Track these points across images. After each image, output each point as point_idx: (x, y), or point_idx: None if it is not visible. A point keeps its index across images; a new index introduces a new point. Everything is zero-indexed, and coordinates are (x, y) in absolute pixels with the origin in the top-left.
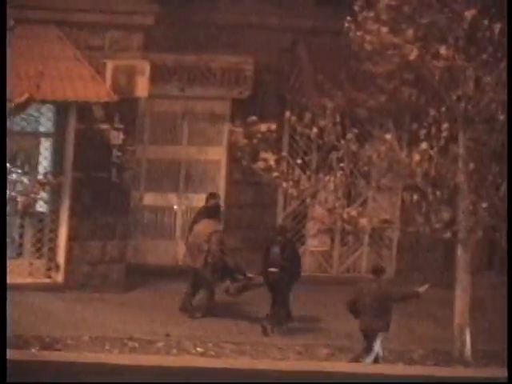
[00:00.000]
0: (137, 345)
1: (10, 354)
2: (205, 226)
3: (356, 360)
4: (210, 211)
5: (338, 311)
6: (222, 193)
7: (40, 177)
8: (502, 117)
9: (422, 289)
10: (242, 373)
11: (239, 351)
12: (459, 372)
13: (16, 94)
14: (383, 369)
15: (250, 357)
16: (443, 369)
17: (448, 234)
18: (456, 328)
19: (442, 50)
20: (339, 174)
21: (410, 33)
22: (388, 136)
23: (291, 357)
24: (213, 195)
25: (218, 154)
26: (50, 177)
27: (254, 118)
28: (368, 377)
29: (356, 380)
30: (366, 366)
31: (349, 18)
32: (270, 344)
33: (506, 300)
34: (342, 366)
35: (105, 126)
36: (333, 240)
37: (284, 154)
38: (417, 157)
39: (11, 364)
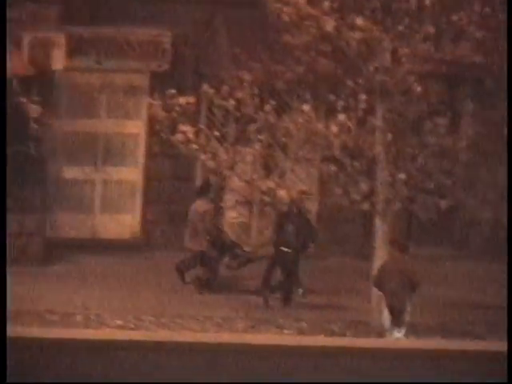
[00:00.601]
0: (56, 318)
1: None
2: (197, 206)
3: (382, 336)
4: (200, 191)
5: (258, 283)
6: (140, 166)
7: None
8: (418, 88)
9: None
10: (161, 345)
11: (158, 324)
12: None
13: None
14: (305, 340)
15: (168, 329)
16: (362, 340)
17: (366, 206)
18: (373, 299)
19: (359, 22)
20: (257, 145)
21: (326, 4)
22: (306, 107)
23: (210, 329)
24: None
25: (136, 128)
26: None
27: (172, 91)
28: (290, 349)
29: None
30: (285, 338)
31: None
32: (188, 316)
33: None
34: (262, 339)
35: (22, 99)
36: (251, 212)
37: (202, 126)
38: (335, 128)
39: None
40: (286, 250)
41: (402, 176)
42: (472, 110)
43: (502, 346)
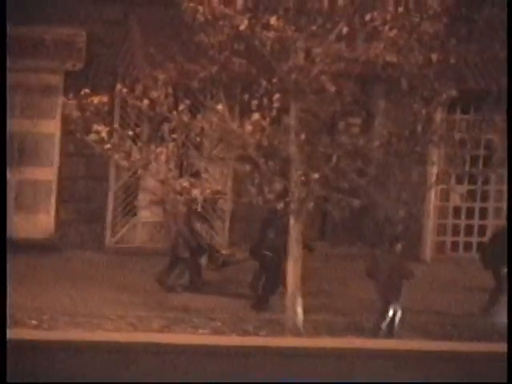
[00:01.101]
0: None
1: None
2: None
3: (376, 326)
4: None
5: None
6: (55, 166)
7: None
8: (331, 88)
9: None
10: (75, 344)
11: (73, 323)
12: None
13: None
14: (218, 340)
15: (82, 329)
16: (277, 339)
17: (280, 205)
18: (288, 298)
19: (273, 21)
20: (171, 145)
21: (240, 3)
22: (220, 107)
23: (124, 328)
24: None
25: (51, 127)
26: None
27: (86, 90)
28: (203, 348)
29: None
30: (201, 337)
31: None
32: (102, 316)
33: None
34: (177, 338)
35: None
36: (165, 211)
37: (115, 125)
38: (249, 127)
39: None
40: (268, 253)
41: (316, 175)
42: (385, 109)
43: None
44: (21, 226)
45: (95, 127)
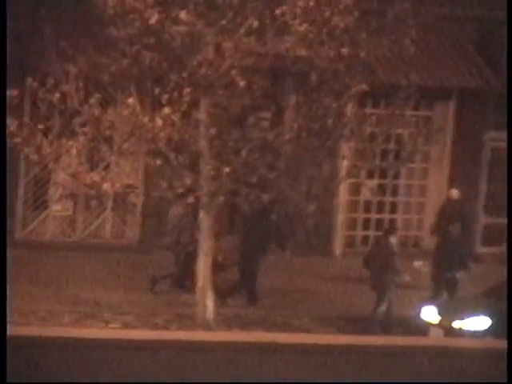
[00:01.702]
0: None
1: None
2: (174, 209)
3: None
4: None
5: (86, 277)
6: None
7: None
8: (241, 82)
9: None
10: None
11: None
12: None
13: None
14: (132, 334)
15: None
16: (187, 333)
17: (191, 199)
18: (198, 292)
19: (182, 15)
20: (82, 138)
21: None
22: (130, 100)
23: (34, 322)
24: None
25: None
26: None
27: None
28: (114, 342)
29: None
30: (112, 331)
31: None
32: (12, 309)
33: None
34: (88, 332)
35: None
36: (76, 205)
37: (26, 119)
38: (159, 122)
39: None
40: (252, 254)
41: (226, 170)
42: (296, 103)
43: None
44: None
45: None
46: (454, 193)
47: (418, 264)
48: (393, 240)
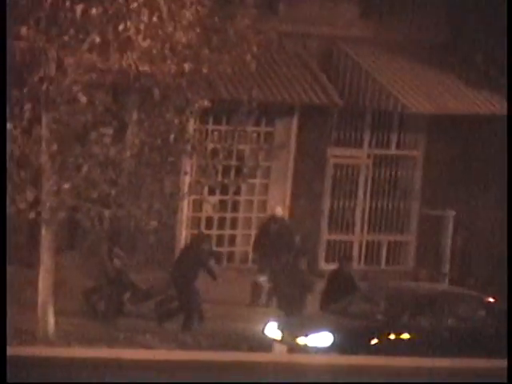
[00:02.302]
0: None
1: None
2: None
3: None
4: None
5: None
6: None
7: None
8: (83, 98)
9: None
10: None
11: None
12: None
13: None
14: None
15: None
16: (28, 348)
17: (32, 214)
18: (40, 308)
19: (23, 31)
20: None
21: None
22: None
23: None
24: None
25: None
26: None
27: None
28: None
29: None
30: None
31: None
32: None
33: None
34: None
35: None
36: None
37: None
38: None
39: None
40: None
41: (67, 185)
42: (138, 119)
43: None
44: None
45: None
46: (278, 210)
47: (262, 279)
48: (301, 262)
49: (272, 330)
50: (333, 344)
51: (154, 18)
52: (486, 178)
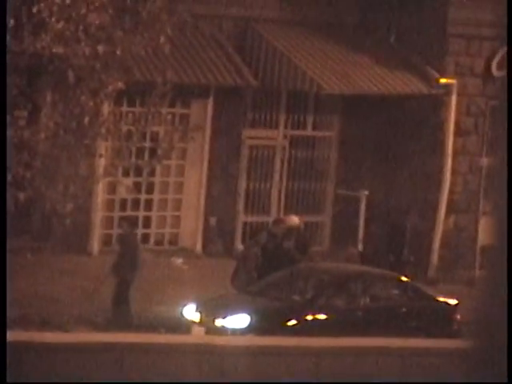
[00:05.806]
0: None
1: None
2: None
3: None
4: None
5: None
6: None
7: None
8: None
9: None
10: None
11: None
12: None
13: None
14: None
15: None
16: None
17: None
18: None
19: None
20: None
21: None
22: None
23: None
24: None
25: None
26: None
27: None
28: None
29: None
30: None
31: None
32: None
33: None
34: None
35: None
36: None
37: None
38: None
39: None
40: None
41: None
42: (53, 101)
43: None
44: None
45: None
46: (294, 219)
47: (177, 261)
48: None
49: (190, 312)
50: (250, 325)
51: (68, 0)
52: (400, 157)
